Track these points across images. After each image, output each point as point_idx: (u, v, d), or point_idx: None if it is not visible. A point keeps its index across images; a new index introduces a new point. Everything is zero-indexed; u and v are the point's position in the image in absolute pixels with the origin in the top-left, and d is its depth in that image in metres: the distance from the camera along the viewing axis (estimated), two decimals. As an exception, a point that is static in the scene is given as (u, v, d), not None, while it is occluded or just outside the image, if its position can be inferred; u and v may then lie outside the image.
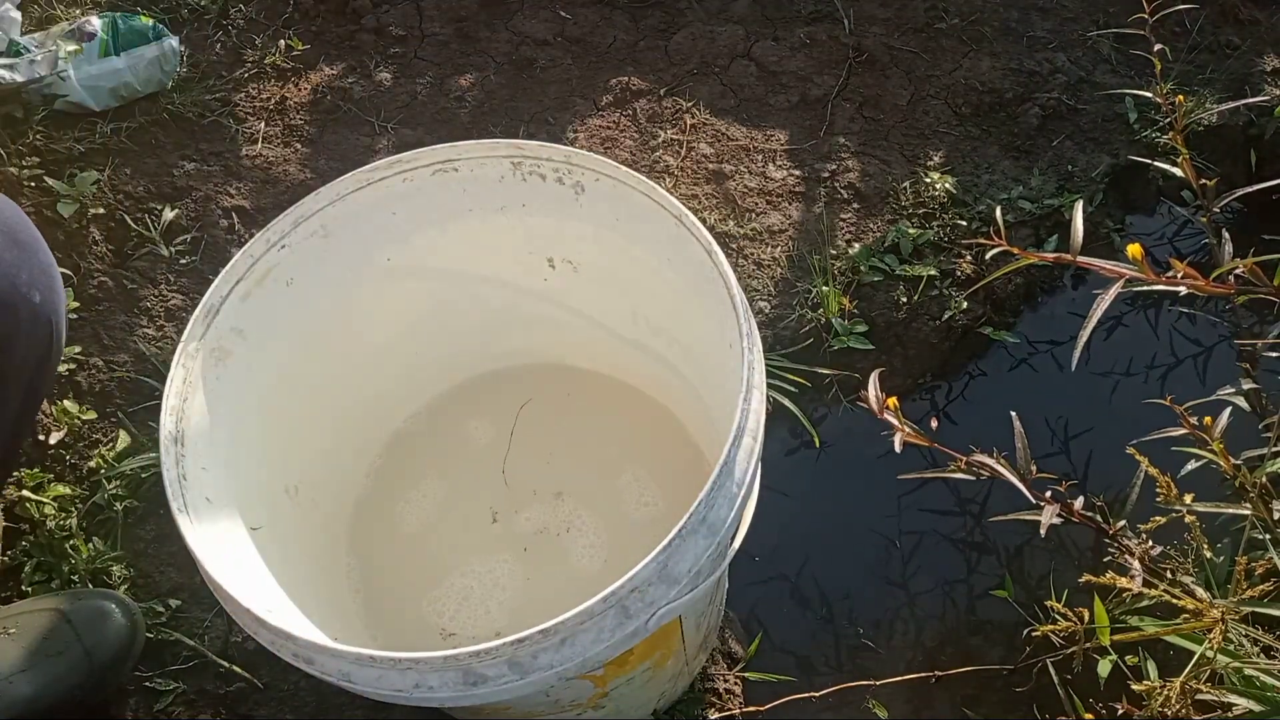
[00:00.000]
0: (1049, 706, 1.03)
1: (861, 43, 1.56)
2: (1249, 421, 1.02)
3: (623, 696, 0.89)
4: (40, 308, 0.88)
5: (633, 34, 1.59)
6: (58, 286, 0.92)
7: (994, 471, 0.88)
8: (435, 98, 1.52)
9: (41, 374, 0.92)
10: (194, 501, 0.78)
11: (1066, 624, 0.88)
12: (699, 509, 0.71)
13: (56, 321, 0.91)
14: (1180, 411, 0.86)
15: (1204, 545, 0.89)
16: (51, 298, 0.90)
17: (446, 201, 0.95)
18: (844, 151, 1.46)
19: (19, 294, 0.86)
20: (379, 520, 1.11)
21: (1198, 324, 1.41)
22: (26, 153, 1.38)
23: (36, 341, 0.89)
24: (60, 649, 1.00)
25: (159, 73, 1.46)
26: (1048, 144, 1.47)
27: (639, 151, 1.46)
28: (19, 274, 0.86)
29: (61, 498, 1.15)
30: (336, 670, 0.70)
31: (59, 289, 0.92)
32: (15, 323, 0.86)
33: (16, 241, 0.87)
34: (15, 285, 0.85)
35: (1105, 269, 0.70)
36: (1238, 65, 1.53)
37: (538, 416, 1.16)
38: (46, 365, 0.92)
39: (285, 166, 1.44)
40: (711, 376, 0.96)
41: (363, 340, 1.03)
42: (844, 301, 1.31)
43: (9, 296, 0.85)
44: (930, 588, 1.20)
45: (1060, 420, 1.31)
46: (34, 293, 0.87)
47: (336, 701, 1.07)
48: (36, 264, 0.88)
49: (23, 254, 0.87)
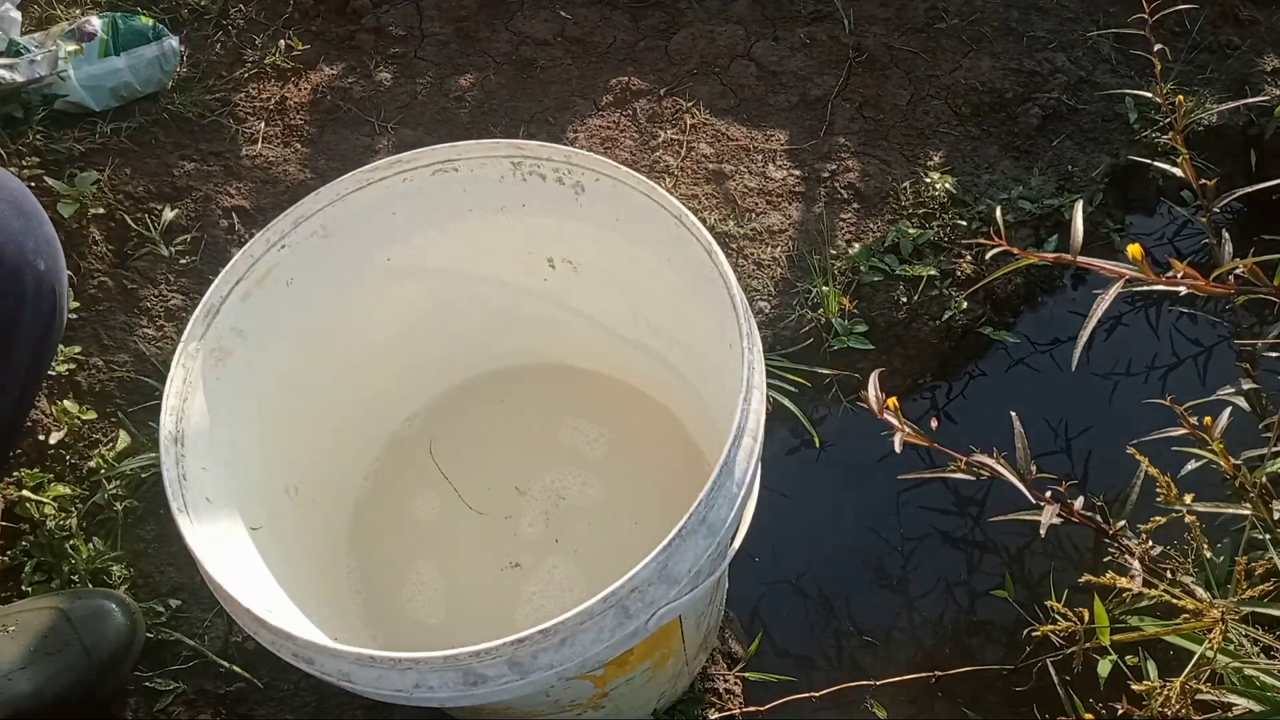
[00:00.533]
0: (1049, 706, 1.03)
1: (861, 43, 1.56)
2: (1249, 421, 1.02)
3: (623, 696, 0.89)
4: (45, 275, 0.90)
5: (633, 34, 1.59)
6: (60, 258, 0.94)
7: (994, 471, 0.88)
8: (435, 98, 1.52)
9: (46, 343, 0.94)
10: (194, 501, 0.78)
11: (1066, 624, 0.88)
12: (699, 509, 0.71)
13: (60, 292, 0.93)
14: (1180, 411, 0.86)
15: (1204, 545, 0.89)
16: (55, 266, 0.92)
17: (446, 201, 0.95)
18: (844, 151, 1.46)
19: (26, 260, 0.88)
20: (379, 520, 1.11)
21: (1198, 324, 1.41)
22: (26, 153, 1.38)
23: (42, 309, 0.91)
24: (59, 647, 1.00)
25: (159, 73, 1.46)
26: (1048, 144, 1.47)
27: (639, 151, 1.46)
28: (25, 241, 0.88)
29: (61, 498, 1.15)
30: (336, 670, 0.70)
31: (62, 260, 0.94)
32: (22, 289, 0.88)
33: (22, 211, 0.89)
34: (23, 251, 0.88)
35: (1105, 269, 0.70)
36: (1238, 65, 1.53)
37: (537, 416, 1.16)
38: (50, 335, 0.94)
39: (285, 166, 1.44)
40: (711, 376, 0.96)
41: (363, 340, 1.03)
42: (844, 301, 1.31)
43: (16, 261, 0.87)
44: (930, 588, 1.20)
45: (1060, 420, 1.31)
46: (39, 260, 0.89)
47: (336, 701, 1.07)
48: (41, 234, 0.91)
49: (28, 223, 0.89)
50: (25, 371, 0.93)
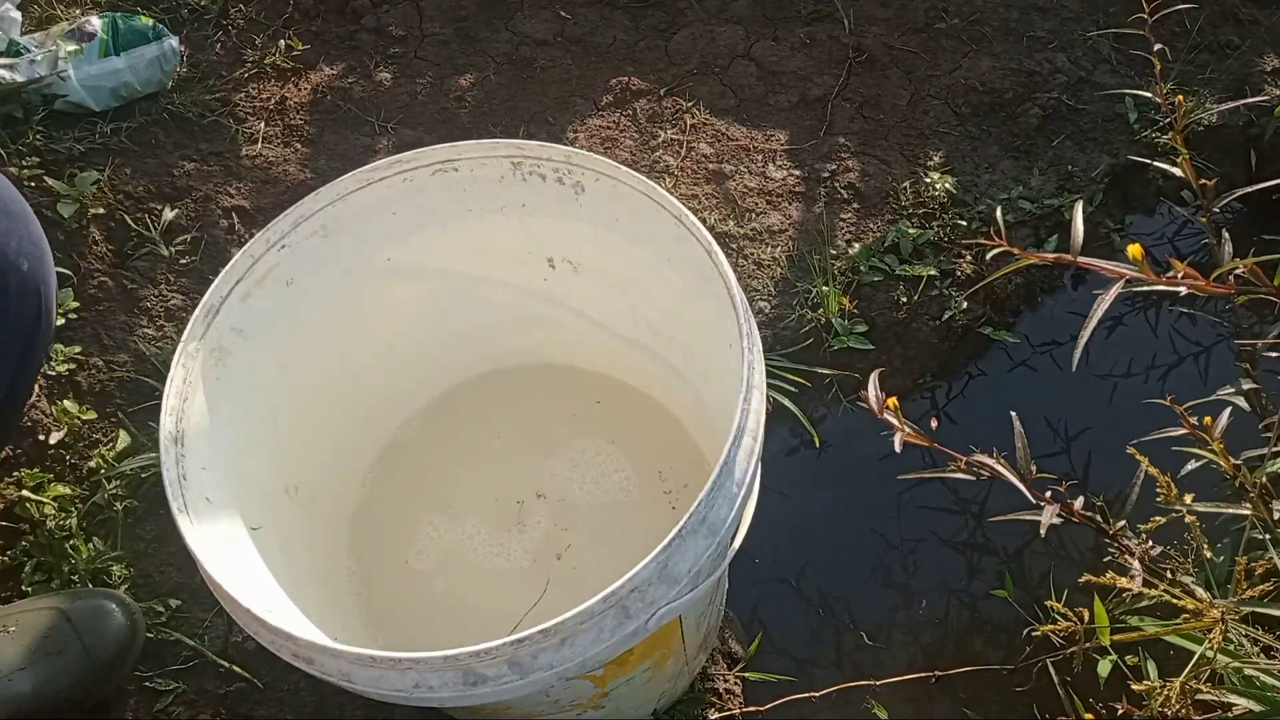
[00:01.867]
0: (1049, 706, 1.03)
1: (861, 43, 1.56)
2: (1249, 421, 1.02)
3: (623, 696, 0.89)
4: (28, 276, 0.88)
5: (633, 34, 1.59)
6: (47, 258, 0.92)
7: (994, 471, 0.88)
8: (435, 98, 1.52)
9: (32, 347, 0.91)
10: (194, 501, 0.78)
11: (1066, 624, 0.88)
12: (699, 509, 0.71)
13: (46, 293, 0.91)
14: (1180, 411, 0.86)
15: (1204, 545, 0.88)
16: (40, 267, 0.90)
17: (446, 201, 0.95)
18: (844, 151, 1.46)
19: (7, 260, 0.86)
20: (379, 519, 1.11)
21: (1198, 324, 1.41)
22: (26, 153, 1.38)
23: (25, 311, 0.89)
24: (59, 647, 1.00)
25: (159, 73, 1.46)
26: (1048, 144, 1.47)
27: (639, 151, 1.46)
28: (8, 242, 0.86)
29: (61, 498, 1.15)
30: (336, 670, 0.70)
31: (48, 260, 0.92)
32: (6, 292, 0.86)
33: (7, 211, 0.88)
34: (4, 252, 0.86)
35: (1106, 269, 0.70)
36: (1238, 65, 1.53)
37: (538, 416, 1.16)
38: (36, 337, 0.91)
39: (285, 166, 1.44)
40: (711, 376, 0.96)
41: (362, 340, 1.03)
42: (844, 301, 1.31)
43: None
44: (930, 588, 1.20)
45: (1060, 420, 1.31)
46: (22, 261, 0.87)
47: (336, 701, 1.07)
48: (27, 234, 0.89)
49: (13, 223, 0.88)
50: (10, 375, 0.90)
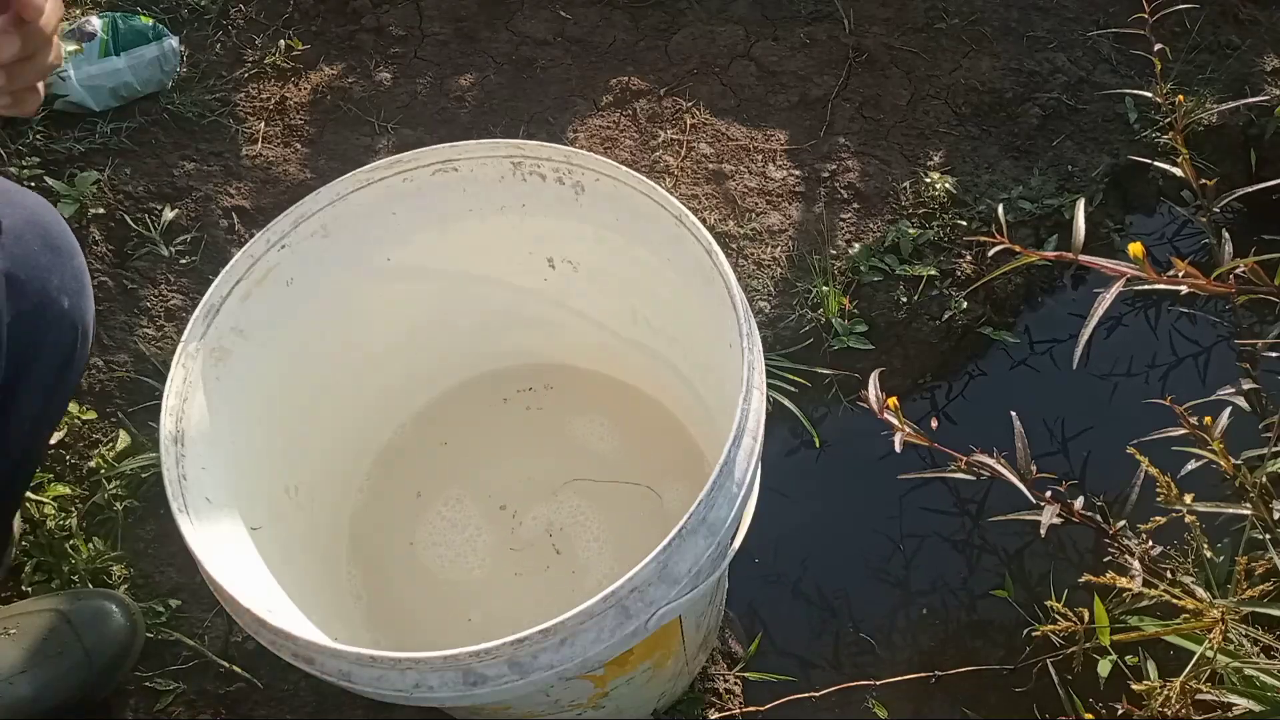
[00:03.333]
0: (1049, 706, 1.03)
1: (861, 43, 1.56)
2: (1249, 421, 1.02)
3: (623, 696, 0.89)
4: (68, 313, 0.89)
5: (633, 34, 1.59)
6: (87, 293, 0.93)
7: (994, 471, 0.88)
8: (435, 98, 1.52)
9: (64, 378, 0.93)
10: (194, 501, 0.78)
11: (1066, 624, 0.88)
12: (699, 509, 0.71)
13: (83, 328, 0.92)
14: (1180, 411, 0.86)
15: (1204, 545, 0.89)
16: (80, 303, 0.91)
17: (446, 201, 0.95)
18: (844, 151, 1.46)
19: (49, 297, 0.87)
20: (379, 519, 1.11)
21: (1198, 324, 1.41)
22: (26, 153, 1.38)
23: (60, 346, 0.90)
24: (60, 649, 1.00)
25: (159, 73, 1.46)
26: (1048, 144, 1.47)
27: (639, 151, 1.46)
28: (50, 278, 0.87)
29: (61, 498, 1.15)
30: (337, 670, 0.70)
31: (88, 296, 0.93)
32: (44, 326, 0.87)
33: (52, 246, 0.88)
34: (46, 288, 0.87)
35: (1107, 267, 0.70)
36: (1238, 65, 1.53)
37: (537, 417, 1.16)
38: (69, 370, 0.93)
39: (285, 166, 1.44)
40: (711, 376, 0.96)
41: (362, 340, 1.03)
42: (844, 301, 1.31)
43: (39, 299, 0.86)
44: (930, 588, 1.20)
45: (1060, 420, 1.31)
46: (63, 297, 0.88)
47: (336, 701, 1.07)
48: (70, 269, 0.90)
49: (56, 258, 0.88)
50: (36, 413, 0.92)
